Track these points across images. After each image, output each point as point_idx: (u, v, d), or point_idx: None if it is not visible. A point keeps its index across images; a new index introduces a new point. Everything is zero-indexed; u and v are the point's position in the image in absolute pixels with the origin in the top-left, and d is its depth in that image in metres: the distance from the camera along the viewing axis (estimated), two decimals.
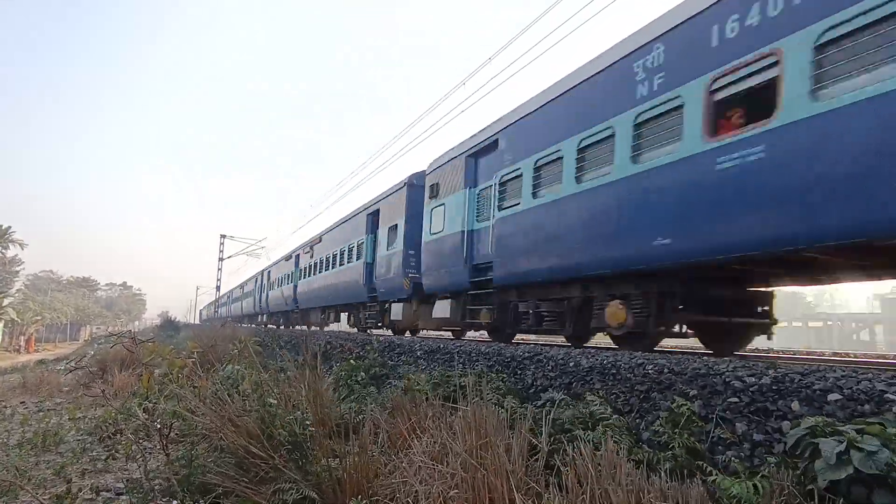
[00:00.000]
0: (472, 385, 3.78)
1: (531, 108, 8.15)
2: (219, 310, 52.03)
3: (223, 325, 19.60)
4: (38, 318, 57.34)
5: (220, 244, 45.15)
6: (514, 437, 3.26)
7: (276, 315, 29.88)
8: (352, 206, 18.98)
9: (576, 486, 2.70)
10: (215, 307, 52.22)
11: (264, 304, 31.68)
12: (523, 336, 12.52)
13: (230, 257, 45.80)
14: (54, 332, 70.90)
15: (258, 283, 34.34)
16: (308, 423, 4.06)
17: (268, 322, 32.55)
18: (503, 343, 8.40)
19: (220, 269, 45.46)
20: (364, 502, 3.39)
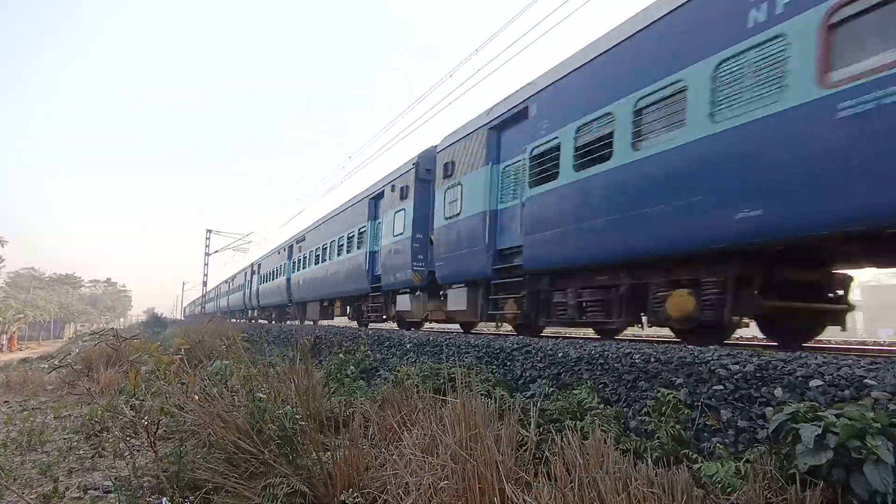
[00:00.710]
0: (462, 377, 3.80)
1: (572, 67, 7.14)
2: (205, 305, 51.11)
3: (210, 320, 19.23)
4: (21, 316, 56.35)
5: (206, 239, 44.67)
6: (503, 428, 3.29)
7: (267, 309, 28.85)
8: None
9: (564, 475, 2.74)
10: (202, 303, 51.37)
11: (255, 299, 30.68)
12: (553, 329, 11.35)
13: (216, 252, 45.35)
14: (37, 330, 69.76)
15: (248, 277, 33.29)
16: (298, 417, 4.06)
17: (259, 317, 31.61)
18: (533, 336, 7.71)
19: (206, 265, 44.99)
20: (355, 495, 3.40)
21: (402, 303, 11.98)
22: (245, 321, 31.62)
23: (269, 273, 27.15)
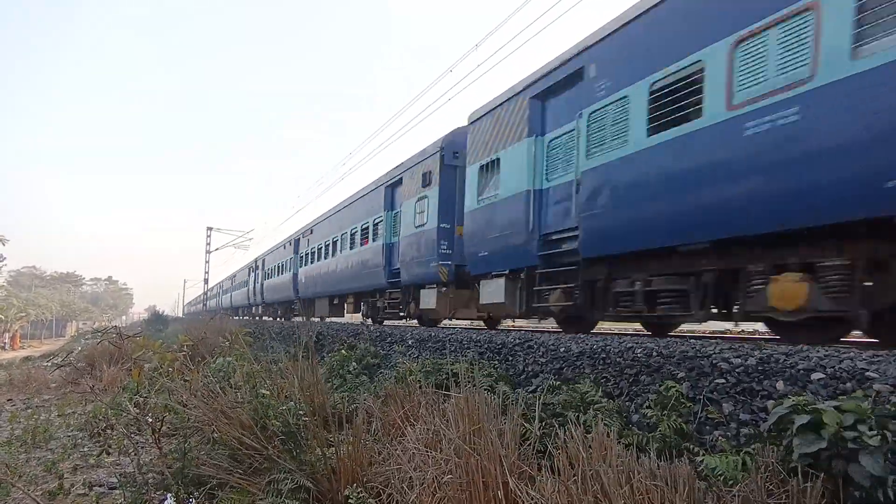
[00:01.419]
0: (464, 372, 3.82)
1: (644, 8, 6.07)
2: (207, 303, 51.00)
3: (212, 318, 19.13)
4: (23, 314, 56.46)
5: (207, 236, 44.67)
6: (506, 423, 3.31)
7: (273, 306, 27.97)
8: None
9: (567, 469, 2.76)
10: (203, 300, 51.30)
11: (258, 295, 29.79)
12: (604, 325, 10.39)
13: (217, 249, 45.36)
14: (39, 329, 69.93)
15: (252, 273, 32.39)
16: (301, 413, 4.08)
17: (263, 314, 30.86)
18: (582, 333, 7.03)
19: (207, 262, 45.00)
20: (359, 490, 3.42)
21: (427, 298, 10.98)
22: (249, 318, 31.24)
23: (275, 268, 26.25)
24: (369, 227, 14.25)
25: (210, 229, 44.66)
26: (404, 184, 12.29)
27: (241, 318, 33.89)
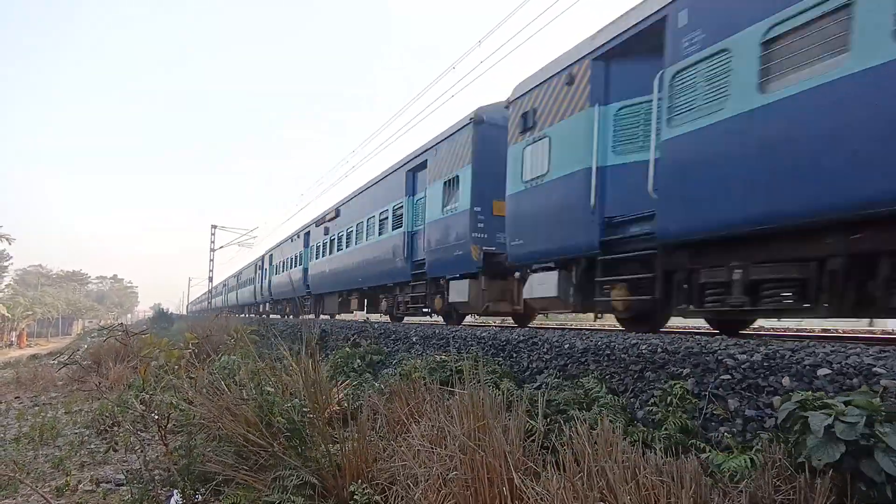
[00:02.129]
0: (469, 369, 3.81)
1: None
2: (212, 301, 51.06)
3: (216, 315, 19.11)
4: (29, 313, 56.88)
5: (212, 234, 44.83)
6: (511, 419, 3.31)
7: (281, 303, 26.84)
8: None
9: (573, 465, 2.75)
10: (208, 298, 51.40)
11: (266, 292, 28.86)
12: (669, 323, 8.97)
13: (221, 248, 45.50)
14: (46, 327, 70.43)
15: (259, 269, 31.50)
16: (306, 410, 4.09)
17: (271, 311, 29.88)
18: (648, 331, 6.30)
19: (211, 260, 45.17)
20: (364, 486, 3.43)
21: (458, 291, 9.80)
22: (255, 316, 30.54)
23: (283, 263, 25.08)
24: (388, 215, 13.11)
25: (214, 227, 44.84)
26: (430, 165, 11.23)
27: (247, 315, 33.65)
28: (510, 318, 11.06)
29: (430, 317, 12.05)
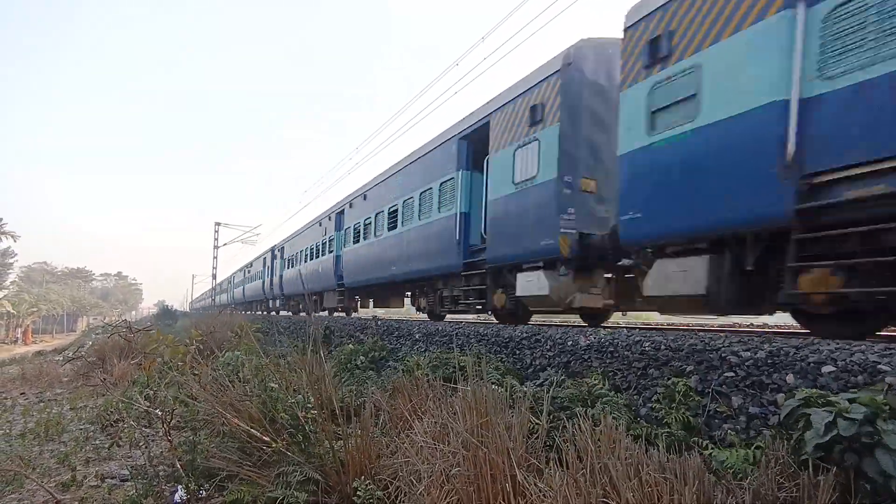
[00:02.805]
0: (472, 366, 3.81)
1: None
2: (216, 297, 51.00)
3: (220, 312, 19.04)
4: (34, 309, 57.21)
5: (216, 232, 44.99)
6: (514, 416, 3.31)
7: (293, 298, 24.32)
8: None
9: (576, 462, 2.75)
10: (212, 294, 51.36)
11: (277, 287, 26.36)
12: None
13: (225, 245, 45.68)
14: (51, 324, 70.87)
15: (268, 263, 29.72)
16: (310, 406, 4.10)
17: (281, 308, 27.38)
18: (850, 340, 3.91)
19: (215, 258, 45.34)
20: (367, 482, 3.44)
21: (531, 283, 8.00)
22: (263, 313, 28.37)
23: (301, 253, 22.35)
24: (434, 193, 11.04)
25: (218, 224, 45.00)
26: (494, 130, 9.15)
27: (254, 312, 32.70)
28: (578, 315, 8.69)
29: (489, 314, 9.79)
